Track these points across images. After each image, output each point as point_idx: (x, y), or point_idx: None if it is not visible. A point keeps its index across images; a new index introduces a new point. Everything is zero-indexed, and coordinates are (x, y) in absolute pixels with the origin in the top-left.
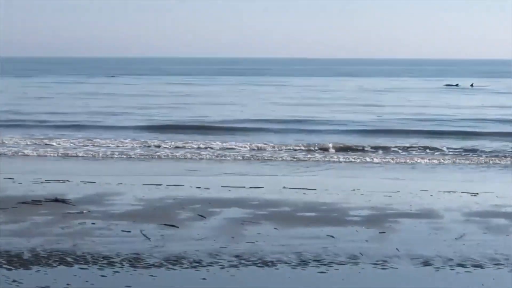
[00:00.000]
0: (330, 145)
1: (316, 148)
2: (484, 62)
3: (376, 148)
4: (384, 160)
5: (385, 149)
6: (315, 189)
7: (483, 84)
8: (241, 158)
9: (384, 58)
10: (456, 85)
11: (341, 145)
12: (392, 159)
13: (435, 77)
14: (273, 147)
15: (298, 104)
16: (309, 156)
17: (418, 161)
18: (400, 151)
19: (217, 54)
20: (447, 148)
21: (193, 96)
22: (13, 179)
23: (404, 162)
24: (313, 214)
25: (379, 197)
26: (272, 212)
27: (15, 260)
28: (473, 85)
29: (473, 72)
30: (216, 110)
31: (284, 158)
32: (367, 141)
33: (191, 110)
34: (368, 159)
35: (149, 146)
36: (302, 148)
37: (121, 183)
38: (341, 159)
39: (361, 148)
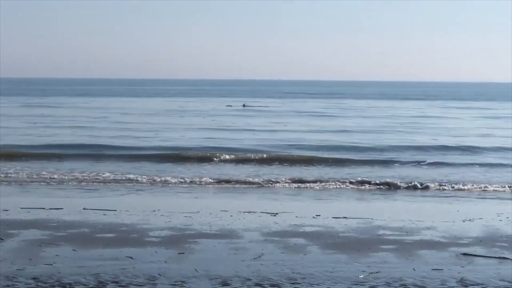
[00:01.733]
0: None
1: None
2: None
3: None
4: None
5: None
6: (115, 210)
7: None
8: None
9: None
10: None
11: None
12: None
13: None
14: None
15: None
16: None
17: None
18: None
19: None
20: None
21: None
22: None
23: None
24: (112, 235)
25: (180, 217)
26: (71, 234)
27: None
28: (245, 105)
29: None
30: None
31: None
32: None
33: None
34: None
35: None
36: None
37: None
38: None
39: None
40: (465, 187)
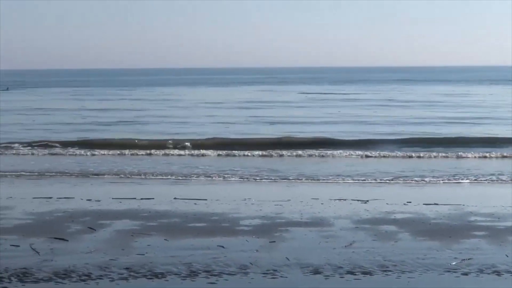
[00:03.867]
0: None
1: None
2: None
3: None
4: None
5: None
6: (206, 199)
7: None
8: None
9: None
10: None
11: None
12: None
13: None
14: None
15: None
16: None
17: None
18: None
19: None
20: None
21: None
22: None
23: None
24: (204, 224)
25: (270, 206)
26: (162, 223)
27: None
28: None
29: None
30: None
31: None
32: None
33: None
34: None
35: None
36: None
37: (11, 197)
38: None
39: None
40: None
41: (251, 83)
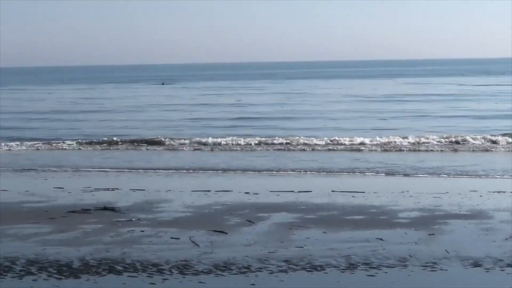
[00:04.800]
0: None
1: None
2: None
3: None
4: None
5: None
6: (363, 192)
7: None
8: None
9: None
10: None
11: None
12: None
13: None
14: None
15: None
16: None
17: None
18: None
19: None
20: None
21: None
22: (62, 188)
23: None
24: (362, 217)
25: (428, 198)
26: (320, 216)
27: (65, 270)
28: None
29: None
30: None
31: None
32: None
33: None
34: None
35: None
36: None
37: (169, 190)
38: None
39: None
40: None
41: (397, 76)
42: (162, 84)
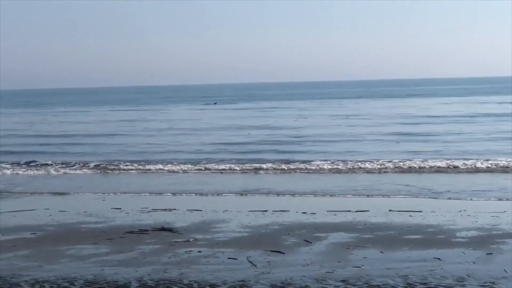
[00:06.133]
0: None
1: None
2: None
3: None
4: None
5: None
6: (421, 211)
7: None
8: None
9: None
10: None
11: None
12: None
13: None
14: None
15: None
16: None
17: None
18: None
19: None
20: None
21: None
22: (120, 209)
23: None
24: (419, 236)
25: (486, 217)
26: (378, 236)
27: None
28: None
29: None
30: None
31: None
32: None
33: None
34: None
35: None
36: None
37: (227, 210)
38: None
39: None
40: None
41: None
42: (215, 103)
